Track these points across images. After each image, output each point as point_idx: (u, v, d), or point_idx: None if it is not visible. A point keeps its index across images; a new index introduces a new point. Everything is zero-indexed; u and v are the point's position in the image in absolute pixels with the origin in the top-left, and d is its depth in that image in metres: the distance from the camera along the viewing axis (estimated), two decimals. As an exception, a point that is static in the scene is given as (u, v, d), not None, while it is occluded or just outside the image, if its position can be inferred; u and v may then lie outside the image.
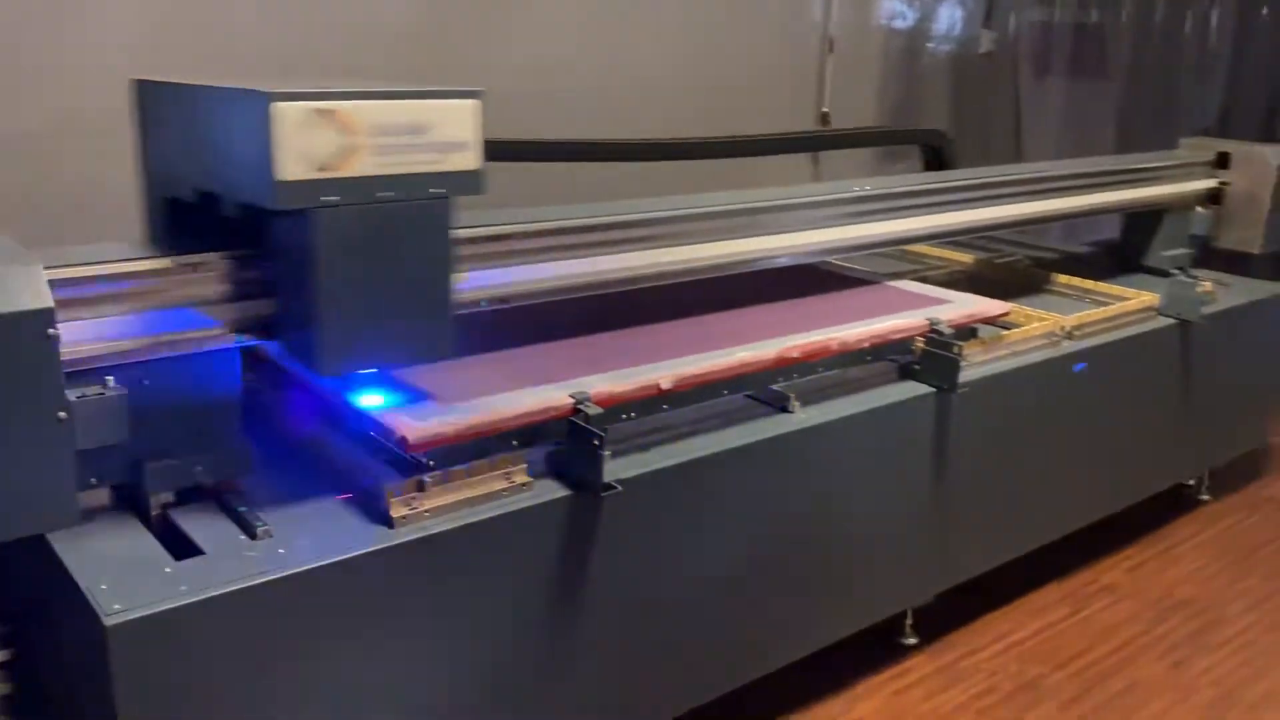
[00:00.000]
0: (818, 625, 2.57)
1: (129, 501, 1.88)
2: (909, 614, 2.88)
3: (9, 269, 1.52)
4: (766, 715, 2.59)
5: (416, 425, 1.89)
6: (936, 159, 3.95)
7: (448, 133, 1.75)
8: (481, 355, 2.27)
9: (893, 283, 3.07)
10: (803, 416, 2.38)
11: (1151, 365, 3.32)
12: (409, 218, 1.74)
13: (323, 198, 1.64)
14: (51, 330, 1.52)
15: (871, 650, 2.82)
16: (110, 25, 3.20)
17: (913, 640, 2.90)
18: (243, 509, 1.84)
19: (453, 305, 1.84)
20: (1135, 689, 2.77)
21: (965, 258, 3.77)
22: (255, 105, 1.59)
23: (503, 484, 1.94)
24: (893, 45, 5.96)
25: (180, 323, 1.77)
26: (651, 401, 2.20)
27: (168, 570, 1.67)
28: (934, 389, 2.59)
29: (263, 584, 1.66)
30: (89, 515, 1.78)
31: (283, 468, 2.04)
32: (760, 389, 2.42)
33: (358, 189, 1.67)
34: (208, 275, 1.78)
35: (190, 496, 1.87)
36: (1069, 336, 3.04)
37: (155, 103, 1.95)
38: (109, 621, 1.53)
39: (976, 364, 2.75)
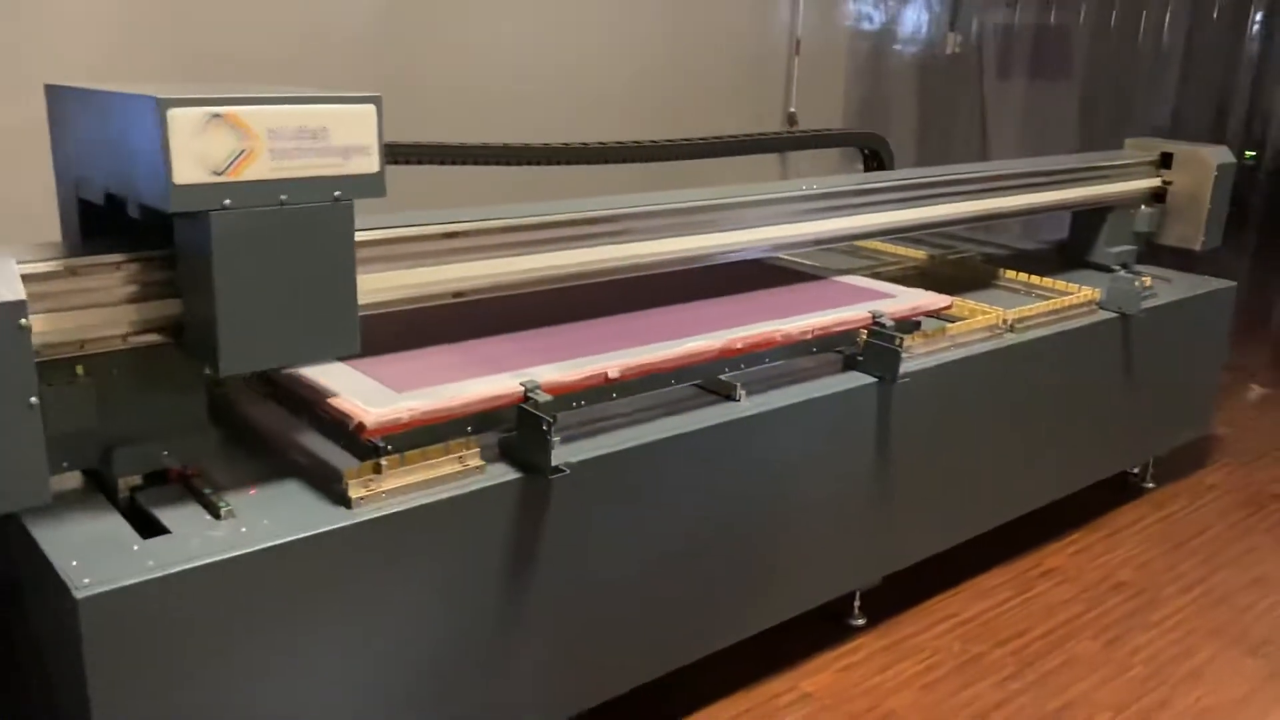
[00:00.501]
0: (766, 606, 2.68)
1: (99, 485, 1.98)
2: (857, 596, 3.00)
3: (-20, 264, 1.60)
4: (714, 692, 2.70)
5: (374, 411, 1.99)
6: (876, 160, 4.12)
7: (348, 137, 1.79)
8: (438, 345, 2.38)
9: (840, 278, 3.18)
10: (747, 405, 2.49)
11: (1094, 357, 3.45)
12: (310, 221, 1.78)
13: (221, 201, 1.68)
14: (24, 321, 1.60)
15: (820, 631, 2.94)
16: (74, 29, 3.29)
17: (860, 621, 3.02)
18: (207, 491, 1.94)
19: (356, 304, 1.88)
20: (1070, 665, 2.90)
21: (919, 254, 3.89)
22: (151, 110, 1.62)
23: (456, 467, 2.05)
24: (859, 47, 6.09)
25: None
26: (600, 390, 2.30)
27: (135, 548, 1.77)
28: (876, 379, 2.71)
29: (225, 560, 1.75)
30: (61, 498, 1.88)
31: (246, 452, 2.14)
32: (707, 379, 2.53)
33: (256, 192, 1.71)
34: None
35: (157, 479, 1.97)
36: (1011, 329, 3.17)
37: (64, 107, 1.99)
38: (79, 595, 1.62)
39: (919, 355, 2.87)
